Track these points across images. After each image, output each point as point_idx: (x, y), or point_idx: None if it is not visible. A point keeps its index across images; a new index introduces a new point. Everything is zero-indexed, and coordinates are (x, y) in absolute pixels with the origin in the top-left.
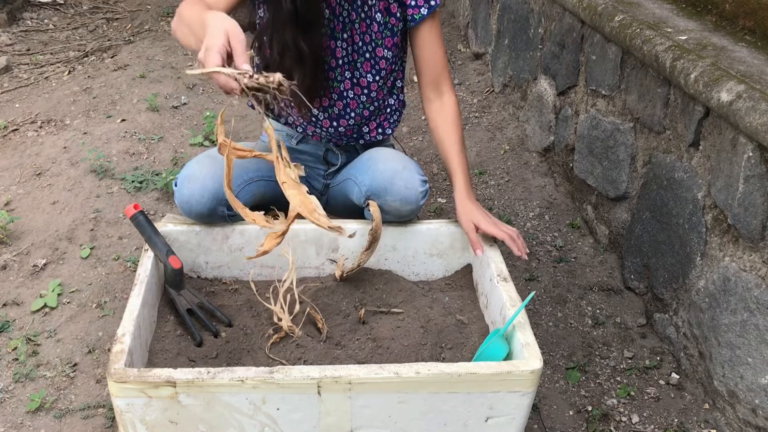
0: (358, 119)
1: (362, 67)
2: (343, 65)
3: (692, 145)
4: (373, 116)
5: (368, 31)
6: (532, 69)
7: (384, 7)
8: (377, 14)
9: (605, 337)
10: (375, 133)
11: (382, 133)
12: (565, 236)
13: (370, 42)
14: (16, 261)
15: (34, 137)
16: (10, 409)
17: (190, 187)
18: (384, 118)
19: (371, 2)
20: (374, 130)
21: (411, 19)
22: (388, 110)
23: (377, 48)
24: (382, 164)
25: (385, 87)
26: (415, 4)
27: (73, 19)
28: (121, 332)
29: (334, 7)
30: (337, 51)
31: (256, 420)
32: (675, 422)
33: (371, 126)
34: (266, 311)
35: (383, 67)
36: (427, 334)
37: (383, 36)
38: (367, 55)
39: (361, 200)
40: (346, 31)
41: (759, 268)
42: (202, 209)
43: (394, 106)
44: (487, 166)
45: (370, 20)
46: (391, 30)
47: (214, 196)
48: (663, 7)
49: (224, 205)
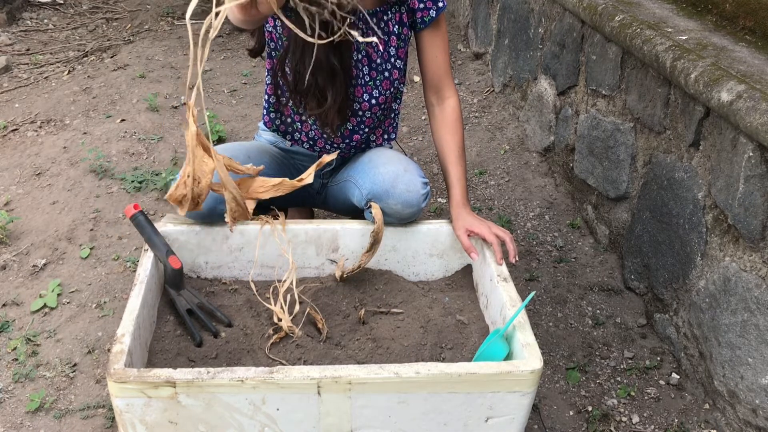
0: (370, 132)
1: (381, 86)
2: (359, 86)
3: (692, 145)
4: (380, 125)
5: (387, 48)
6: (532, 69)
7: (398, 19)
8: (395, 27)
9: (605, 337)
10: (381, 140)
11: (387, 139)
12: (565, 236)
13: (389, 59)
14: (15, 261)
15: (34, 137)
16: (9, 410)
17: None
18: (388, 124)
19: (387, 17)
20: (380, 137)
21: (420, 22)
22: (392, 115)
23: (396, 60)
24: (383, 167)
25: (393, 95)
26: (424, 7)
27: (73, 19)
28: (120, 332)
29: None
30: (353, 71)
31: (256, 420)
32: (675, 422)
33: (377, 133)
34: (266, 311)
35: (396, 77)
36: (427, 334)
37: (398, 47)
38: (386, 74)
39: (362, 203)
40: (360, 52)
41: (759, 268)
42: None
43: (396, 110)
44: (487, 166)
45: (388, 36)
46: (404, 40)
47: (214, 195)
48: (663, 7)
49: (223, 204)
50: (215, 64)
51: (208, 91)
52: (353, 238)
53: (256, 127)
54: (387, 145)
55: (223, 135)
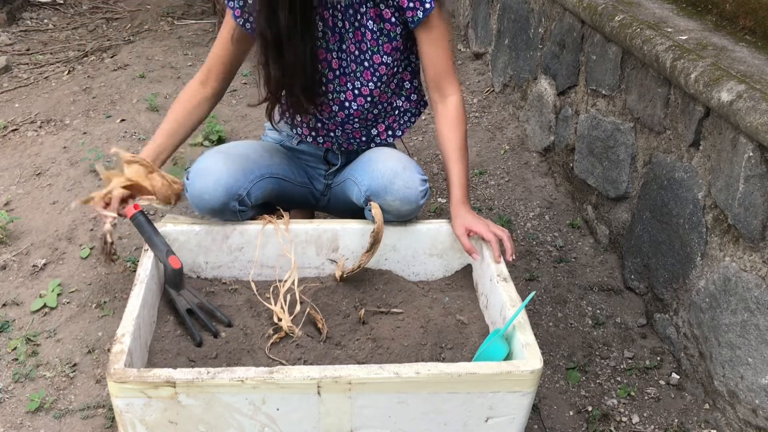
0: (364, 122)
1: (362, 77)
2: (341, 76)
3: (692, 145)
4: (380, 118)
5: (363, 40)
6: (532, 69)
7: (376, 14)
8: (369, 22)
9: (605, 337)
10: (385, 135)
11: (392, 135)
12: (566, 236)
13: (367, 50)
14: (15, 261)
15: (34, 137)
16: (9, 410)
17: (203, 181)
18: (393, 120)
19: (362, 11)
20: (383, 133)
21: (411, 21)
22: (397, 112)
23: (374, 55)
24: (381, 164)
25: (388, 90)
26: (412, 7)
27: (73, 19)
28: (120, 332)
29: (327, 19)
30: (333, 62)
31: (256, 420)
32: (675, 422)
33: (380, 129)
34: (266, 311)
35: (384, 72)
36: (427, 334)
37: (379, 43)
38: (366, 64)
39: (361, 200)
40: (344, 42)
41: (759, 268)
42: (215, 203)
43: (404, 107)
44: (487, 166)
45: (364, 29)
46: (387, 35)
47: (227, 191)
48: (663, 7)
49: (236, 200)
50: None
51: None
52: (353, 238)
53: (256, 127)
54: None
55: (223, 135)
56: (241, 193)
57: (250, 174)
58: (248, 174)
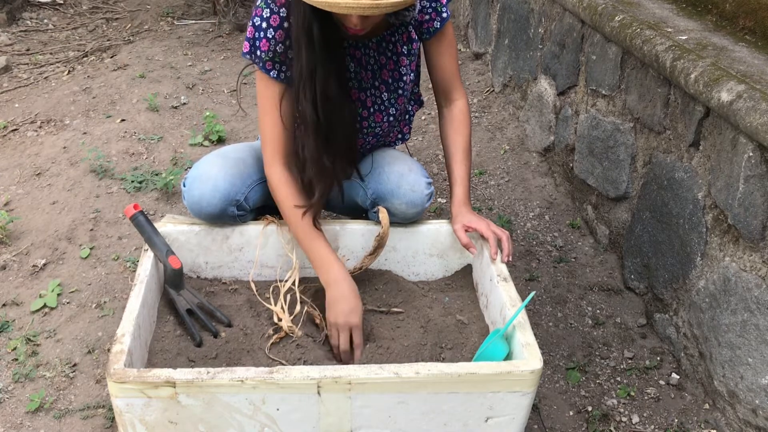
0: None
1: (396, 103)
2: (375, 112)
3: (692, 145)
4: (395, 127)
5: (396, 68)
6: (532, 69)
7: (407, 38)
8: (403, 47)
9: (605, 337)
10: (395, 139)
11: (401, 138)
12: (565, 236)
13: (400, 78)
14: (15, 261)
15: (34, 137)
16: (9, 410)
17: (201, 187)
18: (404, 125)
19: (394, 39)
20: (395, 138)
21: (426, 32)
22: (407, 116)
23: (404, 76)
24: (387, 167)
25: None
26: (429, 18)
27: (73, 19)
28: (120, 332)
29: (359, 59)
30: (367, 101)
31: (256, 420)
32: (675, 422)
33: (394, 134)
34: (266, 311)
35: (409, 89)
36: (427, 334)
37: (408, 63)
38: (399, 92)
39: (367, 203)
40: (376, 77)
41: (759, 268)
42: (213, 210)
43: (412, 111)
44: (487, 166)
45: (397, 56)
46: (414, 54)
47: (225, 196)
48: (663, 7)
49: (234, 205)
50: (215, 64)
51: (208, 91)
52: (353, 238)
53: (256, 127)
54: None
55: (223, 135)
56: (239, 198)
57: (248, 179)
58: (245, 179)
